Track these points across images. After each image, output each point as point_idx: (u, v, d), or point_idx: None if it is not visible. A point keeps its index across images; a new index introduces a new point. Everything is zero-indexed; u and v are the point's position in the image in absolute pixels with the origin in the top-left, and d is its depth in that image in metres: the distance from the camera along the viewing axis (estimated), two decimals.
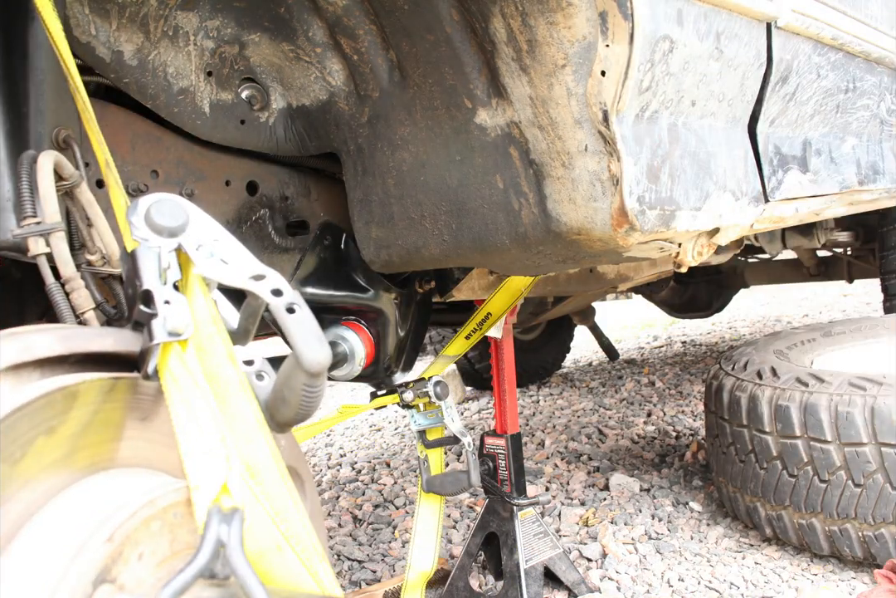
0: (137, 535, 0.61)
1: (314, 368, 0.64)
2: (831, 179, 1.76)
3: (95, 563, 0.59)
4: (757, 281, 4.52)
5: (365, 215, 1.39)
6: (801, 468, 1.83)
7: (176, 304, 0.66)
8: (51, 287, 0.85)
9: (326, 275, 1.49)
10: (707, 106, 1.30)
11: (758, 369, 2.04)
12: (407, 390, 1.70)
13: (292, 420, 0.69)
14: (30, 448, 0.60)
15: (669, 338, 5.72)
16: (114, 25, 1.10)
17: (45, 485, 0.62)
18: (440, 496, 1.79)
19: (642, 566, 1.98)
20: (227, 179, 1.35)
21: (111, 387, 0.66)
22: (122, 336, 0.70)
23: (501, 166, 1.21)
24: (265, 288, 0.67)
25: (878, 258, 3.18)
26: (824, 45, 1.61)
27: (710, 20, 1.21)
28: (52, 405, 0.61)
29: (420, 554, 1.77)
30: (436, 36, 1.16)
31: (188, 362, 0.65)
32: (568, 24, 1.05)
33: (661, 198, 1.18)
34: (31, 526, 0.60)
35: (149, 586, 0.61)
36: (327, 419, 1.82)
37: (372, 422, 4.08)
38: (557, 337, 4.49)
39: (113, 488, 0.65)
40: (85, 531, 0.60)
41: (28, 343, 0.63)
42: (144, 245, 0.67)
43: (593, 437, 3.18)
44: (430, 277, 1.72)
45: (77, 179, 0.92)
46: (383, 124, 1.31)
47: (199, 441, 0.63)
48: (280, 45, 1.29)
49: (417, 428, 1.78)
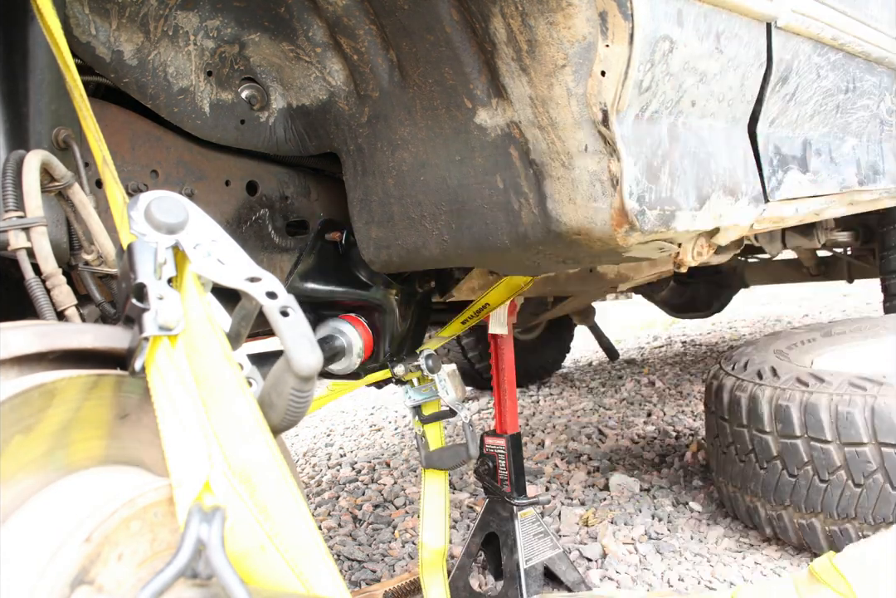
0: (117, 535, 0.60)
1: (304, 371, 0.63)
2: (831, 179, 1.76)
3: (73, 564, 0.57)
4: (757, 281, 4.52)
5: (365, 215, 1.39)
6: (801, 468, 1.83)
7: (169, 299, 0.65)
8: (30, 282, 0.84)
9: (327, 271, 1.49)
10: (707, 106, 1.30)
11: (758, 368, 2.04)
12: (398, 363, 1.65)
13: (279, 426, 0.68)
14: (6, 447, 0.59)
15: (669, 338, 5.72)
16: (114, 25, 1.10)
17: (23, 484, 0.61)
18: (444, 473, 1.77)
19: (642, 566, 1.98)
20: (227, 179, 1.35)
21: (93, 384, 0.65)
22: (103, 333, 0.69)
23: (501, 166, 1.21)
24: (260, 290, 0.66)
25: (878, 258, 3.18)
26: (824, 46, 1.61)
27: (710, 20, 1.21)
28: (29, 403, 0.60)
29: (430, 533, 1.75)
30: (436, 36, 1.16)
31: (176, 359, 0.65)
32: (568, 25, 1.05)
33: (660, 198, 1.18)
34: (7, 527, 0.59)
35: (129, 587, 0.60)
36: (319, 398, 1.80)
37: (372, 422, 4.08)
38: (557, 337, 4.49)
39: (93, 487, 0.64)
40: (63, 532, 0.59)
41: (4, 340, 0.62)
42: (142, 240, 0.66)
43: (593, 437, 3.18)
44: (430, 276, 1.72)
45: (70, 179, 0.92)
46: (383, 124, 1.31)
47: (182, 439, 0.63)
48: (280, 44, 1.29)
49: (412, 404, 1.75)
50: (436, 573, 1.75)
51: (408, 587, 1.91)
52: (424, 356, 1.67)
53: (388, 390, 4.50)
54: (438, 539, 1.76)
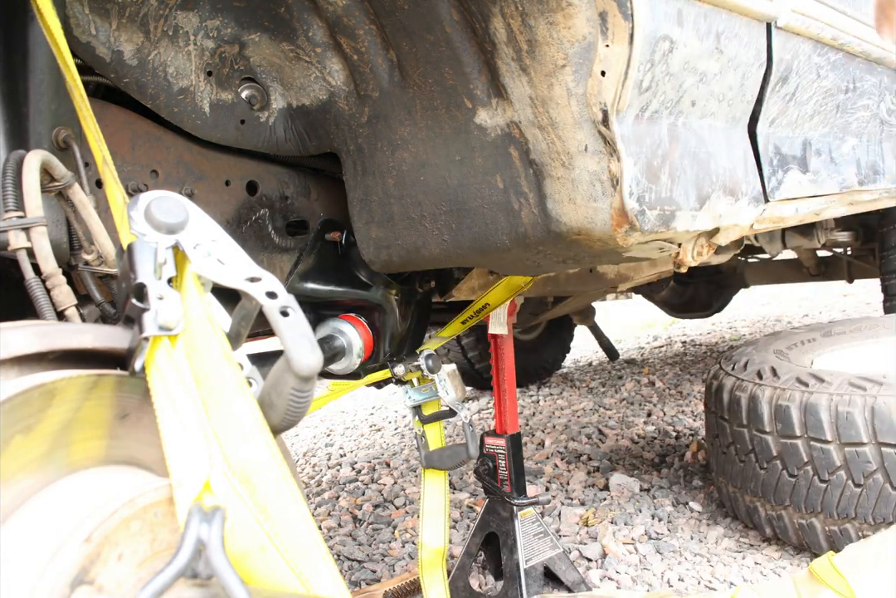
0: (117, 535, 0.60)
1: (304, 371, 0.63)
2: (831, 179, 1.76)
3: (73, 564, 0.57)
4: (757, 281, 4.52)
5: (365, 215, 1.39)
6: (801, 468, 1.83)
7: (169, 299, 0.65)
8: (30, 282, 0.84)
9: (327, 271, 1.49)
10: (707, 106, 1.30)
11: (758, 368, 2.04)
12: (398, 363, 1.65)
13: (279, 426, 0.68)
14: (6, 447, 0.58)
15: (669, 338, 5.72)
16: (114, 25, 1.10)
17: (23, 484, 0.61)
18: (444, 473, 1.77)
19: (642, 566, 1.98)
20: (227, 179, 1.35)
21: (93, 384, 0.65)
22: (103, 333, 0.69)
23: (501, 166, 1.21)
24: (260, 290, 0.66)
25: (878, 258, 3.18)
26: (824, 46, 1.60)
27: (709, 20, 1.21)
28: (29, 403, 0.60)
29: (430, 533, 1.75)
30: (436, 36, 1.16)
31: (176, 359, 0.65)
32: (568, 25, 1.05)
33: (660, 198, 1.18)
34: (7, 527, 0.59)
35: (129, 587, 0.60)
36: (319, 398, 1.81)
37: (372, 422, 4.08)
38: (557, 337, 4.49)
39: (94, 487, 0.64)
40: (63, 532, 0.59)
41: (4, 340, 0.62)
42: (142, 240, 0.66)
43: (593, 437, 3.18)
44: (430, 276, 1.72)
45: (70, 179, 0.92)
46: (383, 124, 1.31)
47: (182, 439, 0.63)
48: (280, 44, 1.29)
49: (412, 404, 1.75)
50: (436, 574, 1.75)
51: (408, 587, 1.91)
52: (424, 356, 1.67)
53: (388, 390, 4.51)
54: (438, 539, 1.76)
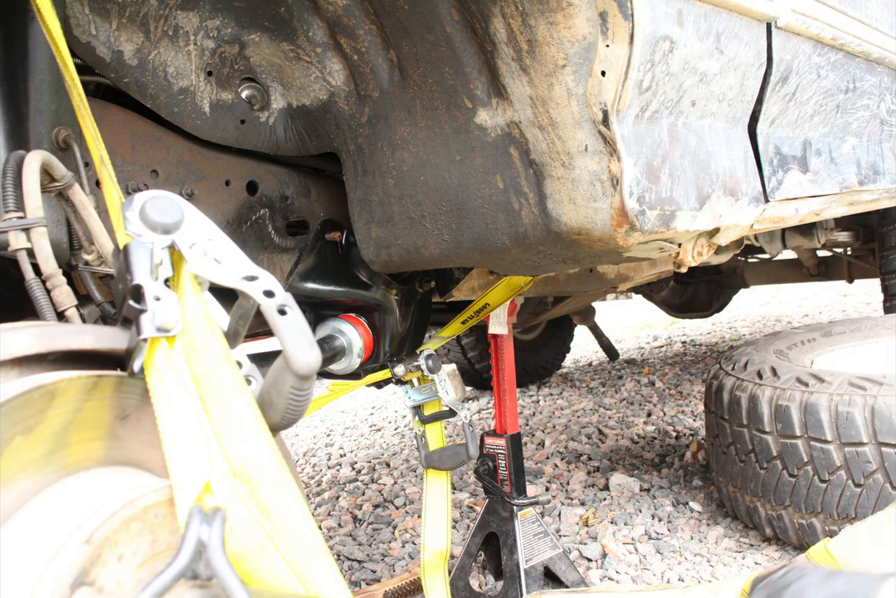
0: (117, 536, 0.60)
1: (303, 370, 0.63)
2: (831, 179, 1.76)
3: (73, 565, 0.57)
4: (757, 281, 4.52)
5: (365, 215, 1.39)
6: (801, 468, 1.83)
7: (166, 300, 0.65)
8: (30, 283, 0.84)
9: (327, 271, 1.49)
10: (707, 106, 1.30)
11: (758, 368, 2.03)
12: (398, 363, 1.66)
13: (278, 424, 0.68)
14: (6, 448, 0.58)
15: (669, 338, 5.72)
16: (114, 25, 1.10)
17: (24, 485, 0.61)
18: (445, 474, 1.77)
19: (642, 566, 1.98)
20: (227, 179, 1.35)
21: (93, 385, 0.65)
22: (103, 333, 0.69)
23: (501, 166, 1.21)
24: (257, 289, 0.66)
25: (878, 258, 3.18)
26: (824, 46, 1.60)
27: (710, 20, 1.21)
28: (30, 404, 0.60)
29: (432, 535, 1.75)
30: (436, 36, 1.16)
31: (175, 360, 0.65)
32: (568, 25, 1.05)
33: (661, 198, 1.18)
34: (7, 528, 0.59)
35: (129, 588, 0.60)
36: (319, 398, 1.81)
37: (372, 422, 4.08)
38: (557, 337, 4.49)
39: (94, 488, 0.64)
40: (63, 533, 0.59)
41: (4, 341, 0.62)
42: (137, 240, 0.66)
43: (593, 437, 3.18)
44: (430, 276, 1.72)
45: (70, 180, 0.92)
46: (383, 124, 1.31)
47: (182, 440, 0.63)
48: (280, 44, 1.29)
49: (412, 404, 1.75)
50: (437, 575, 1.75)
51: (408, 587, 1.91)
52: (424, 356, 1.67)
53: (388, 390, 4.51)
54: (440, 541, 1.76)
